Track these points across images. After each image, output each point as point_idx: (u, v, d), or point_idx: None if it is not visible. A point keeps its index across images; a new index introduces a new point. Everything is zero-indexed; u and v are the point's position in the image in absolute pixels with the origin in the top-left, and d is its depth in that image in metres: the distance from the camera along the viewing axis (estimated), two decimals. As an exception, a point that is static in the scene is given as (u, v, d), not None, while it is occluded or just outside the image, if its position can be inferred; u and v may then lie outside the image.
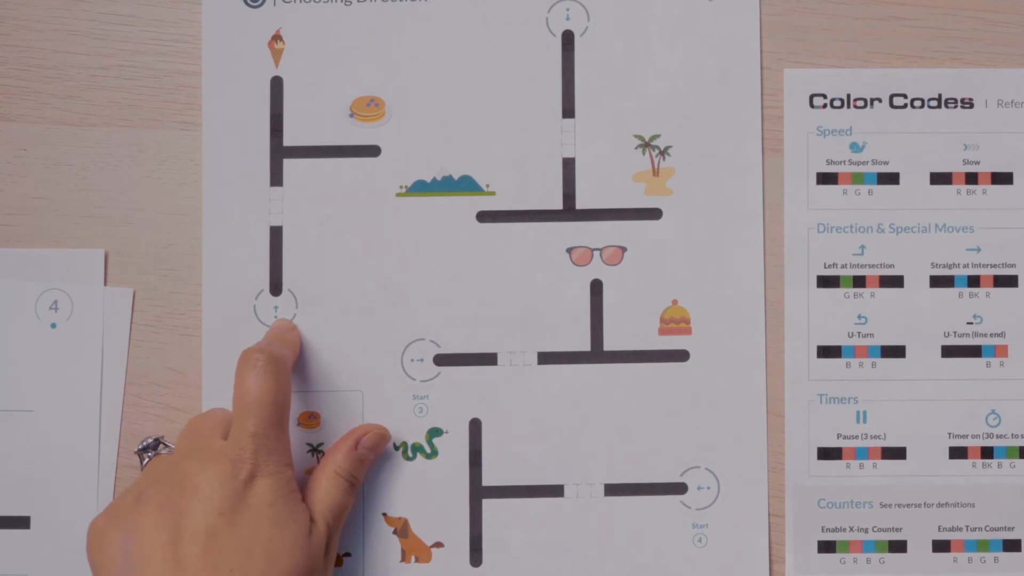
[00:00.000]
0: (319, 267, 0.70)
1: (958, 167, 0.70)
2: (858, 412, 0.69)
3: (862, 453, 0.69)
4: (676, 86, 0.70)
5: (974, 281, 0.70)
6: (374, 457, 0.69)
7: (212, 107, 0.70)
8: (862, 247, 0.70)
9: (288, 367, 0.66)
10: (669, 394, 0.70)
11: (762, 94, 0.70)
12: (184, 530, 0.62)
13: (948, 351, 0.69)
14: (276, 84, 0.71)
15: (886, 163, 0.70)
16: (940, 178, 0.70)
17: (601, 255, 0.70)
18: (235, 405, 0.65)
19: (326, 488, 0.66)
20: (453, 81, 0.70)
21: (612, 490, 0.70)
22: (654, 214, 0.70)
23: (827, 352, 0.70)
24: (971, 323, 0.70)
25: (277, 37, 0.71)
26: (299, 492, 0.65)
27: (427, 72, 0.71)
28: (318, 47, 0.71)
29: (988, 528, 0.69)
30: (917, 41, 0.70)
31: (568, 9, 0.71)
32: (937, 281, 0.70)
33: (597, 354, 0.70)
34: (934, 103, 0.70)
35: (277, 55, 0.71)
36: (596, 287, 0.70)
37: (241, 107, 0.70)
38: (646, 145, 0.70)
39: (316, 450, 0.70)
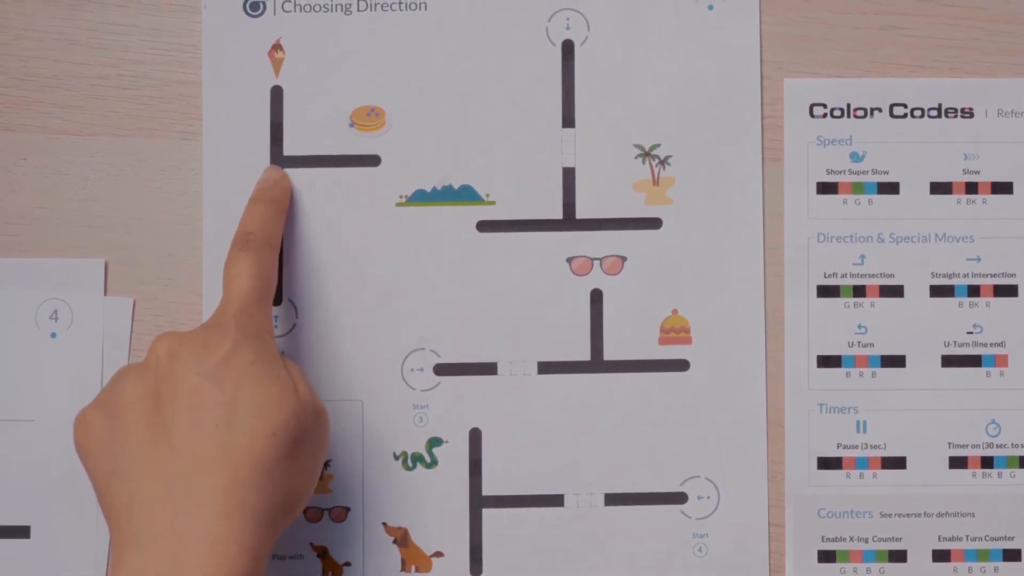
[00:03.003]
0: (319, 277, 0.70)
1: (958, 177, 0.70)
2: (858, 422, 0.69)
3: (862, 463, 0.69)
4: (676, 95, 0.70)
5: (974, 291, 0.70)
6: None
7: (212, 116, 0.70)
8: (862, 256, 0.70)
9: (272, 241, 0.66)
10: (669, 404, 0.70)
11: (762, 103, 0.70)
12: (164, 394, 0.60)
13: (948, 360, 0.69)
14: (276, 93, 0.71)
15: (886, 173, 0.70)
16: (940, 188, 0.70)
17: (601, 265, 0.70)
18: (224, 285, 0.64)
19: (289, 365, 0.65)
20: (453, 90, 0.71)
21: (612, 499, 0.70)
22: (654, 223, 0.70)
23: (827, 362, 0.70)
24: (971, 332, 0.70)
25: (277, 47, 0.71)
26: (280, 359, 0.63)
27: (427, 82, 0.71)
28: (318, 57, 0.71)
29: (988, 538, 0.69)
30: (917, 51, 0.70)
31: (568, 19, 0.71)
32: (937, 291, 0.70)
33: (597, 364, 0.70)
34: (934, 113, 0.70)
35: (277, 64, 0.71)
36: (596, 297, 0.70)
37: (241, 116, 0.70)
38: (646, 154, 0.70)
39: (316, 460, 0.70)
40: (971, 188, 0.70)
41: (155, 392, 0.61)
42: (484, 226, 0.70)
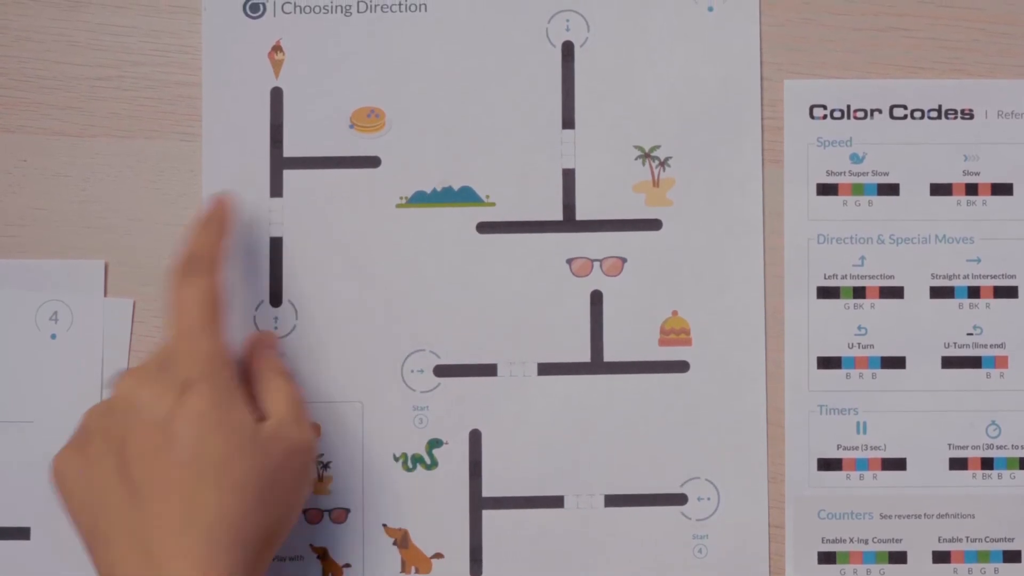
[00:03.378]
0: (319, 278, 0.70)
1: (958, 178, 0.70)
2: (858, 423, 0.69)
3: (862, 464, 0.69)
4: (676, 97, 0.70)
5: (974, 292, 0.70)
6: (275, 352, 0.69)
7: (212, 118, 0.70)
8: (862, 258, 0.70)
9: (218, 264, 0.66)
10: (669, 405, 0.70)
11: (762, 105, 0.70)
12: (131, 454, 0.61)
13: (948, 362, 0.69)
14: (276, 95, 0.71)
15: (886, 174, 0.70)
16: (940, 189, 0.70)
17: (601, 266, 0.70)
18: (168, 311, 0.64)
19: (265, 387, 0.65)
20: (453, 92, 0.71)
21: (612, 501, 0.70)
22: (654, 225, 0.70)
23: (827, 363, 0.70)
24: (971, 334, 0.70)
25: (277, 48, 0.71)
26: (238, 390, 0.63)
27: (427, 83, 0.71)
28: (318, 58, 0.71)
29: (988, 539, 0.69)
30: (917, 52, 0.70)
31: (568, 20, 0.71)
32: (937, 292, 0.70)
33: (597, 365, 0.70)
34: (934, 114, 0.70)
35: (277, 66, 0.71)
36: (596, 298, 0.70)
37: (241, 118, 0.70)
38: (646, 156, 0.70)
39: (316, 460, 0.70)
40: (971, 189, 0.70)
41: (120, 450, 0.61)
42: (484, 227, 0.70)
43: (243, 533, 0.61)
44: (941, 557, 0.69)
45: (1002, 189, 0.70)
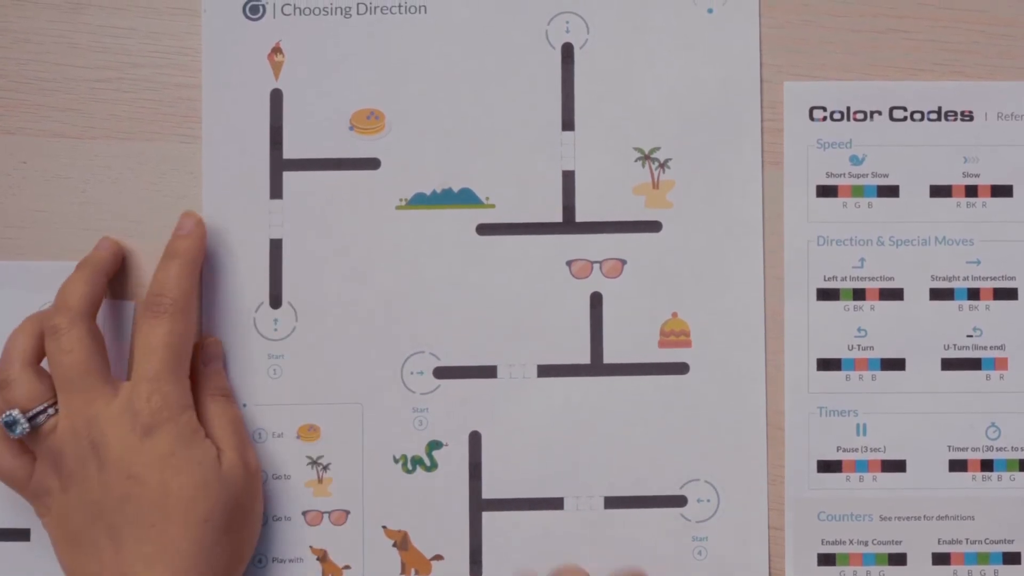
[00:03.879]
0: (319, 280, 0.70)
1: (958, 180, 0.70)
2: (858, 425, 0.69)
3: (862, 466, 0.69)
4: (676, 98, 0.70)
5: (974, 294, 0.70)
6: (221, 364, 0.69)
7: (212, 120, 0.70)
8: (862, 260, 0.70)
9: (185, 302, 0.67)
10: (669, 407, 0.70)
11: (762, 107, 0.70)
12: (104, 504, 0.64)
13: (948, 364, 0.69)
14: (276, 97, 0.71)
15: (886, 176, 0.70)
16: (940, 191, 0.70)
17: (601, 268, 0.70)
18: (135, 351, 0.66)
19: (213, 410, 0.68)
20: (453, 93, 0.71)
21: (612, 503, 0.70)
22: (654, 227, 0.70)
23: (827, 365, 0.70)
24: (971, 336, 0.70)
25: (277, 50, 0.71)
26: (201, 430, 0.66)
27: (427, 84, 0.71)
28: (318, 60, 0.71)
29: (988, 541, 0.69)
30: (917, 54, 0.70)
31: (568, 22, 0.71)
32: (937, 294, 0.70)
33: (597, 367, 0.70)
34: (934, 116, 0.70)
35: (277, 68, 0.71)
36: (596, 300, 0.70)
37: (241, 120, 0.70)
38: (646, 158, 0.70)
39: (316, 463, 0.70)
40: (971, 191, 0.70)
41: (93, 501, 0.64)
42: (484, 229, 0.70)
43: (211, 562, 0.65)
44: (941, 559, 0.69)
45: (1002, 191, 0.70)
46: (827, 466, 0.69)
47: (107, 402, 0.65)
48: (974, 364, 0.69)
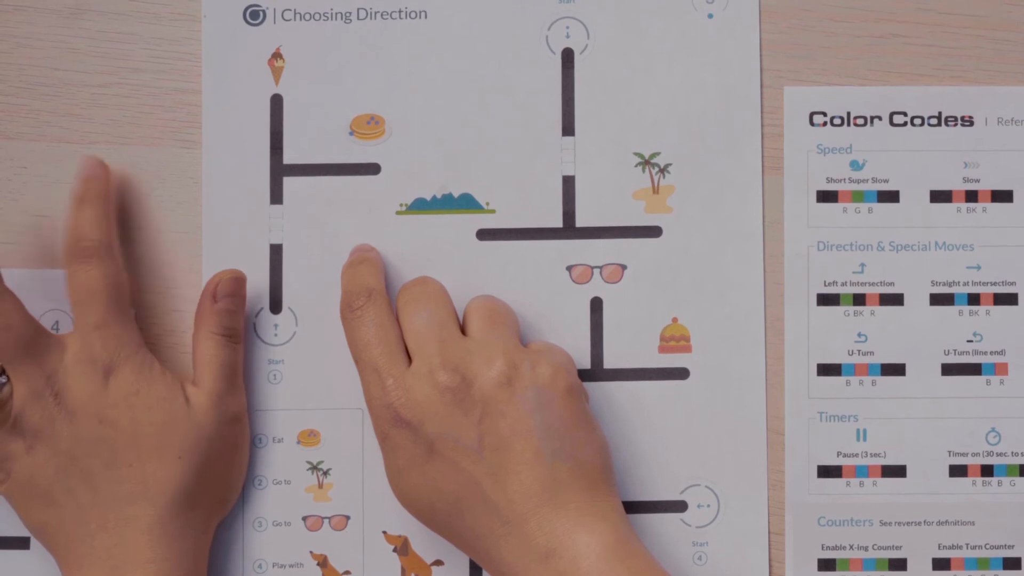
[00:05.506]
0: (319, 285, 0.70)
1: (958, 185, 0.70)
2: (858, 430, 0.69)
3: (862, 471, 0.69)
4: (676, 104, 0.70)
5: (974, 299, 0.70)
6: (238, 303, 0.69)
7: (212, 125, 0.70)
8: (862, 265, 0.70)
9: (108, 242, 0.66)
10: (669, 412, 0.70)
11: (762, 112, 0.70)
12: (76, 452, 0.64)
13: (948, 369, 0.69)
14: (276, 102, 0.71)
15: (886, 181, 0.70)
16: (940, 196, 0.70)
17: (601, 273, 0.70)
18: (71, 303, 0.66)
19: (205, 349, 0.67)
20: (453, 99, 0.71)
21: (612, 508, 0.69)
22: (654, 232, 0.70)
23: (827, 370, 0.70)
24: (971, 341, 0.70)
25: (277, 55, 0.71)
26: (159, 365, 0.66)
27: (427, 90, 0.71)
28: (318, 65, 0.71)
29: (988, 546, 0.69)
30: (917, 59, 0.70)
31: (568, 27, 0.71)
32: (937, 299, 0.70)
33: (597, 372, 0.70)
34: (934, 121, 0.70)
35: (277, 73, 0.71)
36: (596, 305, 0.70)
37: (241, 125, 0.70)
38: (646, 163, 0.70)
39: (316, 468, 0.70)
40: (971, 196, 0.70)
41: (66, 450, 0.64)
42: (484, 234, 0.70)
43: (190, 499, 0.66)
44: (941, 564, 0.69)
45: (1002, 196, 0.70)
46: (827, 471, 0.69)
47: (60, 357, 0.65)
48: (974, 369, 0.69)
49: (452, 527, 0.65)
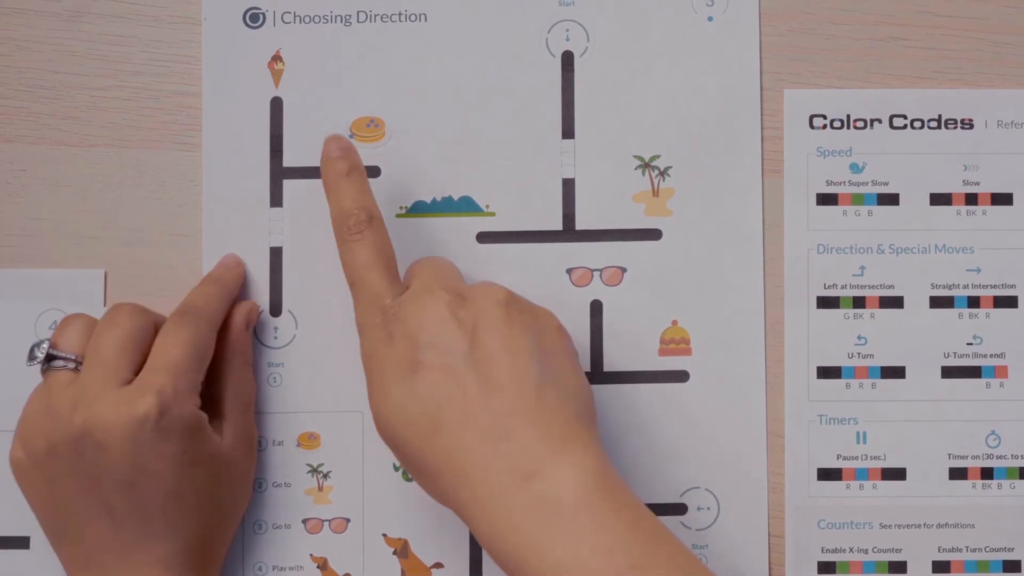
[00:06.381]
0: (319, 288, 0.70)
1: (958, 188, 0.70)
2: (858, 433, 0.69)
3: (862, 474, 0.69)
4: (676, 107, 0.70)
5: (974, 302, 0.70)
6: (253, 331, 0.70)
7: (212, 128, 0.70)
8: (862, 268, 0.70)
9: (216, 323, 0.67)
10: (669, 415, 0.70)
11: (762, 115, 0.70)
12: (105, 482, 0.63)
13: (948, 372, 0.69)
14: (276, 105, 0.71)
15: (886, 184, 0.70)
16: (940, 199, 0.70)
17: (601, 276, 0.70)
18: (151, 355, 0.65)
19: (240, 380, 0.68)
20: (453, 101, 0.71)
21: (612, 511, 0.69)
22: (654, 235, 0.70)
23: (827, 373, 0.70)
24: (971, 344, 0.70)
25: (277, 58, 0.71)
26: (205, 424, 0.65)
27: (427, 92, 0.71)
28: (318, 68, 0.71)
29: (988, 549, 0.69)
30: (917, 62, 0.70)
31: (568, 30, 0.71)
32: (937, 302, 0.70)
33: (597, 375, 0.70)
34: (934, 124, 0.70)
35: (277, 75, 0.71)
36: (596, 308, 0.70)
37: (241, 128, 0.70)
38: (646, 166, 0.70)
39: (316, 471, 0.70)
40: (971, 199, 0.70)
41: (95, 481, 0.64)
42: (484, 237, 0.70)
43: (205, 535, 0.66)
44: (941, 567, 0.69)
45: (1002, 199, 0.70)
46: (827, 474, 0.69)
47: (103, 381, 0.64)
48: (974, 372, 0.69)
49: (431, 449, 0.61)
